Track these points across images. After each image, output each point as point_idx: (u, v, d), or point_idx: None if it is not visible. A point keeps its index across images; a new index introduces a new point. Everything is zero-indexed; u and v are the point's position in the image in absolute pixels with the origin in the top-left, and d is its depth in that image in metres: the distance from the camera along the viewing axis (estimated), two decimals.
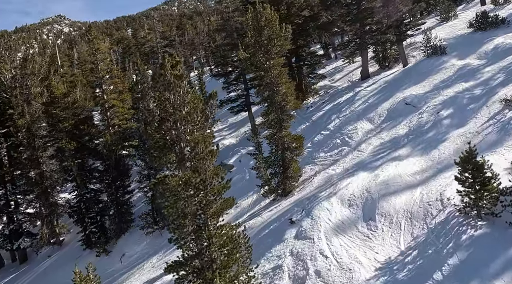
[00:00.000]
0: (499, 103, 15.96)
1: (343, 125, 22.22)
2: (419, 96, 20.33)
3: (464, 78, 21.02)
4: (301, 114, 27.79)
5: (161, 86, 9.53)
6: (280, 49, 17.01)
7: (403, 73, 26.33)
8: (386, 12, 28.52)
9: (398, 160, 15.01)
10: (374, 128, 19.75)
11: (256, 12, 16.70)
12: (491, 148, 13.08)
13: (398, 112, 20.01)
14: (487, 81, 19.50)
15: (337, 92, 29.01)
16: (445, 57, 25.19)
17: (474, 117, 16.17)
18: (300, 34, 29.54)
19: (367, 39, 28.50)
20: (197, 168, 9.93)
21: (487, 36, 26.88)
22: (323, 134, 22.54)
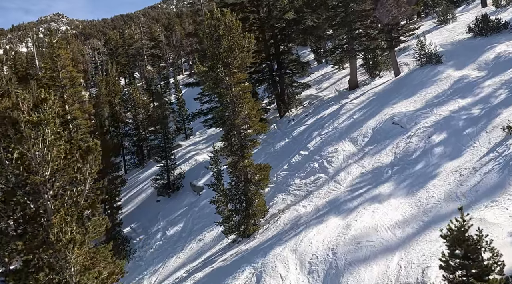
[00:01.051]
0: (500, 130, 13.34)
1: (324, 145, 19.61)
2: (408, 114, 17.71)
3: (461, 93, 18.39)
4: (282, 128, 25.18)
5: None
6: (242, 62, 14.37)
7: (393, 84, 23.69)
8: (376, 16, 25.90)
9: (377, 201, 12.39)
10: (356, 152, 17.13)
11: (213, 19, 14.04)
12: (491, 195, 10.45)
13: (385, 133, 17.40)
14: (487, 98, 16.87)
15: (322, 103, 26.38)
16: (441, 67, 22.54)
17: (471, 145, 13.56)
18: (283, 39, 26.89)
19: (355, 45, 25.84)
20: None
21: (488, 43, 24.23)
22: (302, 155, 19.93)
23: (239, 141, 14.33)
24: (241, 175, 14.22)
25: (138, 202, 23.71)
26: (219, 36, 13.78)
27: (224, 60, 13.83)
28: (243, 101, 14.32)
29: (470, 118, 15.52)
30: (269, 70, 26.75)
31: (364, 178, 14.45)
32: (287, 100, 27.19)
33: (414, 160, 14.11)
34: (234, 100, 14.18)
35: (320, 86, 31.20)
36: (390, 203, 12.04)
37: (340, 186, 14.62)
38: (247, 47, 14.19)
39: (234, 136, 14.33)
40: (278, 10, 26.84)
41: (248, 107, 14.56)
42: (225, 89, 14.11)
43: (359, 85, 26.83)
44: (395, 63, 25.52)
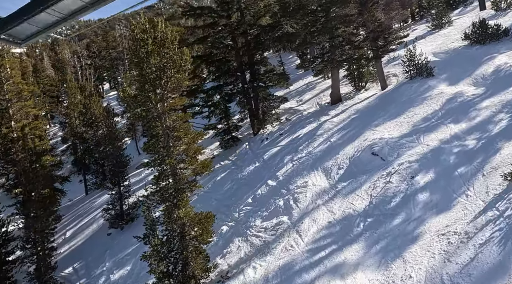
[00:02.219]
0: (501, 177, 10.43)
1: (294, 174, 16.73)
2: (391, 142, 14.81)
3: (454, 115, 15.51)
4: (254, 149, 22.27)
5: None
6: (177, 85, 11.48)
7: (379, 100, 20.80)
8: (361, 21, 23.02)
9: (339, 276, 9.46)
10: (328, 189, 14.24)
11: (140, 31, 11.10)
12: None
13: (362, 165, 14.51)
14: (484, 124, 14.01)
15: (300, 119, 23.47)
16: (432, 81, 19.66)
17: (464, 193, 10.71)
18: (256, 47, 23.98)
19: (337, 54, 22.94)
20: None
21: (486, 53, 21.36)
22: (269, 186, 17.03)
23: (174, 185, 11.43)
24: (175, 228, 11.34)
25: (89, 234, 20.83)
26: (148, 53, 10.89)
27: (153, 82, 10.93)
28: (179, 133, 11.44)
29: (464, 151, 12.63)
30: (242, 82, 23.84)
31: (330, 231, 11.56)
32: (262, 116, 24.28)
33: (393, 210, 11.23)
34: (167, 132, 11.30)
35: (301, 98, 28.30)
36: (355, 281, 9.13)
37: (300, 241, 11.72)
38: (183, 66, 11.27)
39: (167, 177, 11.44)
40: (252, 15, 23.95)
41: (187, 141, 11.69)
42: (155, 119, 11.23)
43: (342, 99, 23.96)
44: (382, 75, 22.63)
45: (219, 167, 22.01)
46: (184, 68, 11.31)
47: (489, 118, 14.44)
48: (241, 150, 22.82)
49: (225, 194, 19.05)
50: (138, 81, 11.08)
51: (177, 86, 11.38)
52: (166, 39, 11.18)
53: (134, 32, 11.01)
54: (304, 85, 31.03)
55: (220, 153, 23.91)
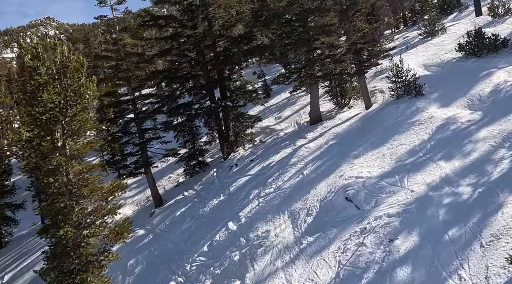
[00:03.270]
0: (505, 259, 7.78)
1: (258, 217, 14.17)
2: (369, 184, 12.22)
3: (446, 149, 12.95)
4: (222, 177, 19.65)
5: None
6: (81, 126, 8.86)
7: (361, 123, 18.21)
8: (342, 32, 20.49)
9: None
10: (291, 244, 11.66)
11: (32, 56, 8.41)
12: None
13: (334, 213, 11.92)
14: (482, 163, 11.45)
15: (275, 142, 20.87)
16: (421, 102, 17.09)
17: (457, 273, 8.10)
18: (226, 61, 21.38)
19: (316, 69, 20.36)
20: None
21: (482, 67, 18.84)
22: (229, 231, 14.43)
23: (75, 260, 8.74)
24: None
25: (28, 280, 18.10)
26: (39, 86, 8.22)
27: (47, 125, 8.33)
28: (84, 190, 8.85)
29: (457, 204, 10.06)
30: (210, 100, 21.23)
31: None
32: (234, 137, 21.68)
33: None
34: (70, 190, 8.71)
35: (280, 114, 25.71)
36: None
37: None
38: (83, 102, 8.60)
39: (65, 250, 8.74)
40: (221, 24, 21.36)
41: (98, 198, 9.12)
42: (52, 172, 8.60)
43: (322, 118, 21.37)
44: (366, 92, 20.06)
45: (181, 198, 19.38)
46: (85, 106, 8.66)
47: (487, 154, 11.87)
48: (208, 178, 20.20)
49: (183, 235, 16.42)
50: (29, 123, 8.49)
51: (80, 128, 8.78)
52: (67, 66, 8.57)
53: (22, 59, 8.44)
54: (285, 99, 28.45)
55: (185, 181, 21.26)
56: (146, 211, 19.77)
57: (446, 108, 16.20)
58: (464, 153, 12.38)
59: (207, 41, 20.86)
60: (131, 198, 22.02)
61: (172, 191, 20.82)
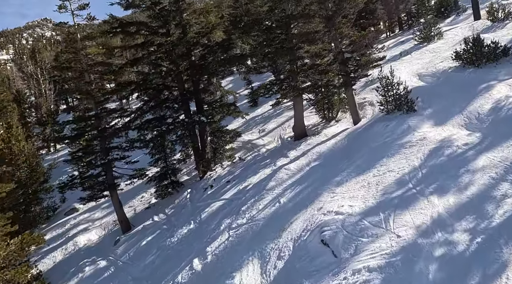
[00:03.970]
0: None
1: (224, 256, 12.46)
2: (349, 224, 10.43)
3: (439, 179, 11.19)
4: (195, 200, 17.88)
5: None
6: None
7: (347, 142, 16.45)
8: (328, 40, 18.77)
9: None
10: None
11: None
12: None
13: (307, 260, 10.16)
14: (481, 201, 9.70)
15: (255, 160, 19.11)
16: (413, 119, 15.34)
17: None
18: (202, 71, 19.59)
19: (299, 80, 18.59)
20: None
21: (481, 79, 17.11)
22: (193, 272, 12.66)
23: None
24: None
25: None
26: None
27: None
28: None
29: (451, 258, 8.30)
30: (185, 114, 19.45)
31: None
32: (213, 153, 19.91)
33: None
34: None
35: (265, 126, 23.94)
36: None
37: None
38: None
39: None
40: (196, 31, 19.59)
41: None
42: None
43: (307, 133, 19.63)
44: (354, 106, 18.29)
45: (150, 224, 17.60)
46: None
47: (487, 190, 10.11)
48: (181, 200, 18.43)
49: (146, 270, 14.64)
50: None
51: None
52: None
53: None
54: (272, 109, 26.67)
55: (157, 202, 19.48)
56: (113, 237, 17.98)
57: (440, 127, 14.46)
58: (460, 187, 10.61)
59: (180, 49, 19.10)
60: (100, 220, 20.21)
61: (143, 214, 19.04)
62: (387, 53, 29.54)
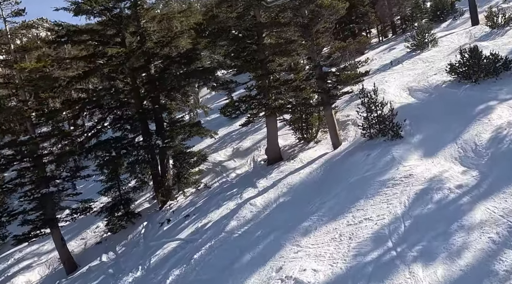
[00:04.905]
0: None
1: None
2: None
3: (425, 240, 8.88)
4: (150, 236, 15.50)
5: None
6: None
7: (323, 173, 14.09)
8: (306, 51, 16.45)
9: None
10: None
11: None
12: None
13: None
14: (478, 280, 7.38)
15: (222, 188, 16.75)
16: (399, 148, 13.00)
17: None
18: (161, 87, 17.19)
19: (271, 98, 16.23)
20: None
21: (479, 98, 14.82)
22: None
23: None
24: None
25: None
26: None
27: None
28: None
29: None
30: (143, 134, 17.08)
31: None
32: (175, 180, 17.55)
33: None
34: None
35: (239, 145, 21.55)
36: None
37: None
38: None
39: None
40: (155, 40, 17.22)
41: None
42: None
43: (283, 156, 17.31)
44: (333, 128, 15.91)
45: (96, 265, 15.21)
46: None
47: (486, 260, 7.78)
48: (135, 236, 16.05)
49: None
50: None
51: None
52: None
53: None
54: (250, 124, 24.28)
55: (109, 237, 17.08)
56: (54, 280, 15.57)
57: (430, 159, 12.12)
58: (451, 251, 8.28)
59: (137, 61, 16.73)
60: (48, 254, 17.78)
61: (93, 250, 16.65)
62: (377, 61, 27.34)
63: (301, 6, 15.83)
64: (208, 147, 22.87)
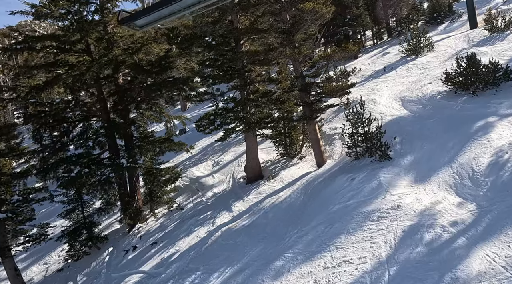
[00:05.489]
0: None
1: None
2: None
3: None
4: (113, 266, 13.98)
5: None
6: None
7: (302, 198, 12.62)
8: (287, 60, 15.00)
9: None
10: None
11: None
12: None
13: None
14: None
15: (194, 211, 15.24)
16: (387, 172, 11.53)
17: None
18: (128, 99, 15.66)
19: (249, 111, 14.73)
20: None
21: (477, 112, 13.40)
22: None
23: None
24: None
25: None
26: None
27: None
28: None
29: None
30: (110, 150, 15.57)
31: None
32: (147, 199, 16.05)
33: None
34: None
35: (221, 158, 20.05)
36: None
37: None
38: None
39: None
40: (123, 47, 15.72)
41: None
42: None
43: (263, 173, 15.85)
44: (317, 146, 14.41)
45: None
46: None
47: None
48: (98, 264, 14.52)
49: None
50: None
51: None
52: None
53: None
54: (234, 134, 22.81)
55: (72, 263, 15.56)
56: None
57: (422, 186, 10.67)
58: None
59: (102, 69, 15.22)
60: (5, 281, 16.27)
61: (53, 279, 15.10)
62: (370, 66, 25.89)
63: (282, 10, 14.38)
64: (189, 159, 21.42)
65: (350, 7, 31.73)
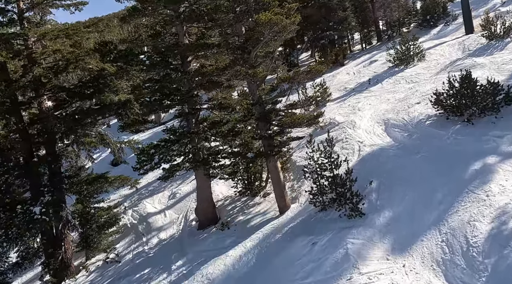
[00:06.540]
0: None
1: None
2: None
3: None
4: None
5: None
6: None
7: (253, 263, 9.93)
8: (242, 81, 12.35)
9: None
10: None
11: None
12: None
13: None
14: None
15: (131, 266, 12.59)
16: (356, 237, 8.88)
17: None
18: (56, 129, 12.94)
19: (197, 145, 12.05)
20: None
21: (473, 148, 10.81)
22: None
23: None
24: None
25: None
26: None
27: None
28: None
29: None
30: (31, 189, 12.88)
31: None
32: (83, 245, 13.40)
33: None
34: None
35: (179, 188, 17.33)
36: None
37: None
38: None
39: None
40: (47, 66, 12.98)
41: None
42: None
43: (219, 216, 13.23)
44: (279, 188, 11.73)
45: None
46: None
47: None
48: None
49: None
50: None
51: None
52: None
53: None
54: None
55: None
56: None
57: (401, 259, 8.05)
58: None
59: (21, 92, 12.54)
60: None
61: None
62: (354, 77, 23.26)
63: (236, 21, 11.70)
64: (146, 187, 18.77)
65: (336, 9, 29.05)
